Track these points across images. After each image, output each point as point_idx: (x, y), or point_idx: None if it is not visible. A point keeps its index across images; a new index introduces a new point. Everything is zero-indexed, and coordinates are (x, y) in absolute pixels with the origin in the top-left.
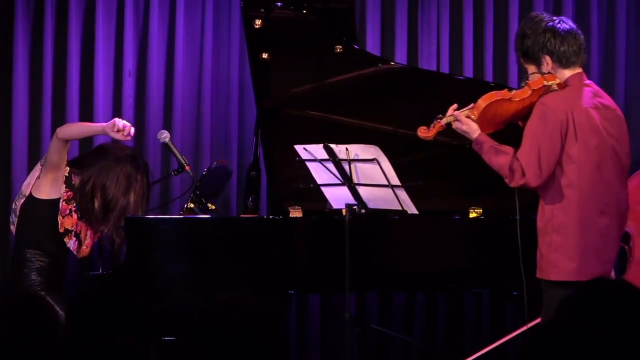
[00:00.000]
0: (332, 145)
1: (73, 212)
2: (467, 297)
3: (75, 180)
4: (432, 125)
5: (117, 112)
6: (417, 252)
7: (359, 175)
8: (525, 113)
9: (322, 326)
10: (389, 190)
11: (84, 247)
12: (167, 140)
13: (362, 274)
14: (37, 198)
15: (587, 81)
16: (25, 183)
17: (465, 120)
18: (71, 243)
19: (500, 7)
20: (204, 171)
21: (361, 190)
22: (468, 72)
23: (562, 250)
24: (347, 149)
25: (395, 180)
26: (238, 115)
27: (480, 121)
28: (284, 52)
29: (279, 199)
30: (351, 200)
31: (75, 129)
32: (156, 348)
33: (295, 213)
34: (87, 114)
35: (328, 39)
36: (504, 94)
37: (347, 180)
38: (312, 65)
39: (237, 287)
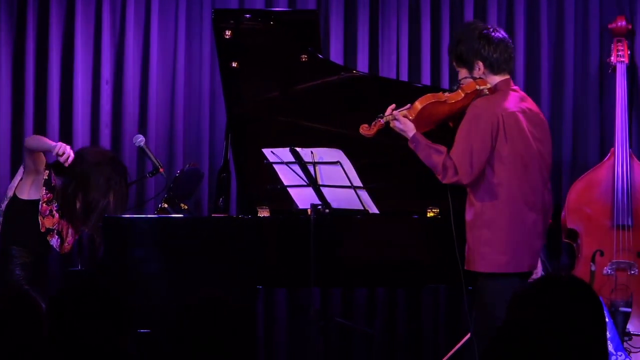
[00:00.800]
0: (298, 149)
1: (54, 212)
2: (424, 292)
3: (56, 183)
4: (373, 123)
5: (95, 118)
6: (378, 249)
7: (323, 177)
8: (457, 114)
9: (289, 319)
10: (352, 191)
11: (65, 244)
12: (142, 144)
13: (327, 270)
14: (20, 199)
15: (514, 87)
16: (9, 186)
17: (402, 120)
18: (54, 241)
19: (456, 19)
20: (177, 173)
21: (325, 191)
22: (426, 79)
23: (492, 244)
24: (312, 152)
25: (357, 182)
26: (209, 120)
27: (416, 121)
28: (253, 61)
29: (249, 200)
30: (316, 200)
31: (35, 141)
32: (132, 339)
33: (263, 213)
34: (66, 120)
35: (294, 48)
36: (439, 96)
37: (312, 181)
38: (279, 74)
39: (207, 282)
